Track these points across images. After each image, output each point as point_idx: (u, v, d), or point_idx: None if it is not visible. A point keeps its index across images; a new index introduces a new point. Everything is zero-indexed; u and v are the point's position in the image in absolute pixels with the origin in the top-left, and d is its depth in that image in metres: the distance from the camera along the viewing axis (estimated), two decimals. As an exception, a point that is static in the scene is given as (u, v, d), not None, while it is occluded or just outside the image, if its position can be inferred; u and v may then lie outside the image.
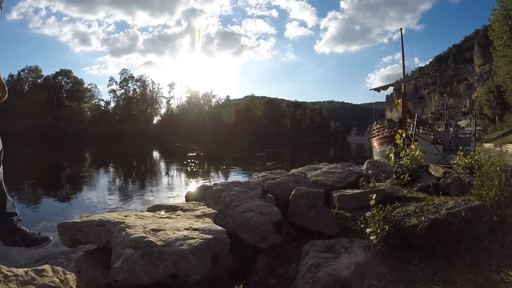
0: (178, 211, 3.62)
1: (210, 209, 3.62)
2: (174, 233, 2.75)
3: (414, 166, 6.05)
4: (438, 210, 3.88)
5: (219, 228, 2.98)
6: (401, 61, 23.65)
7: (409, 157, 6.18)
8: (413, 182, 5.89)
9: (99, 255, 2.94)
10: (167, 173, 18.22)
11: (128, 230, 2.74)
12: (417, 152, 6.24)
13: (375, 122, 25.83)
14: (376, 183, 5.41)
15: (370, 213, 3.56)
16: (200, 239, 2.66)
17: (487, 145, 28.74)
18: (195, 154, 32.54)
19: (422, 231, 3.37)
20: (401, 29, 24.11)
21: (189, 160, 24.25)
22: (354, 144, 79.59)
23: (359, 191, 4.69)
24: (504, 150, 19.09)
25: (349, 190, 4.84)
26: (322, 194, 4.11)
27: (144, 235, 2.63)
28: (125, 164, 24.38)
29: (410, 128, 19.27)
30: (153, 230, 2.81)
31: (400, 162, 6.26)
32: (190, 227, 2.93)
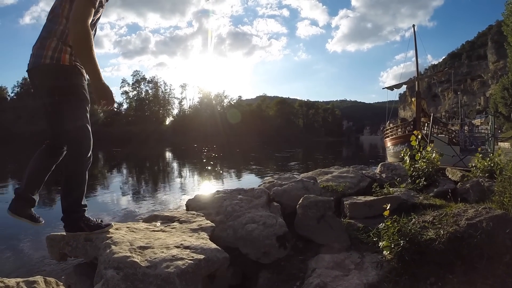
0: (174, 223, 3.38)
1: (208, 221, 3.35)
2: (163, 252, 2.50)
3: (430, 169, 5.73)
4: (457, 220, 3.58)
5: (213, 246, 2.72)
6: (414, 59, 23.26)
7: (425, 160, 5.87)
8: (429, 186, 5.56)
9: (88, 270, 2.74)
10: (180, 176, 18.00)
11: (113, 247, 2.50)
12: (434, 155, 5.93)
13: (388, 121, 25.47)
14: (390, 189, 5.10)
15: (383, 224, 3.27)
16: (190, 259, 2.40)
17: (503, 145, 28.11)
18: (212, 155, 32.36)
19: (440, 246, 3.08)
20: (413, 26, 23.69)
21: (205, 162, 24.09)
22: (367, 144, 78.96)
23: (372, 198, 4.38)
24: (522, 150, 18.56)
25: (361, 197, 4.52)
26: (332, 203, 3.81)
27: (129, 254, 2.39)
28: (137, 165, 24.30)
29: (424, 127, 18.90)
30: (140, 247, 2.57)
31: (416, 165, 5.95)
32: (181, 244, 2.68)
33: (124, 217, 7.58)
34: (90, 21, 2.38)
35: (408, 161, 6.13)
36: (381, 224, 3.32)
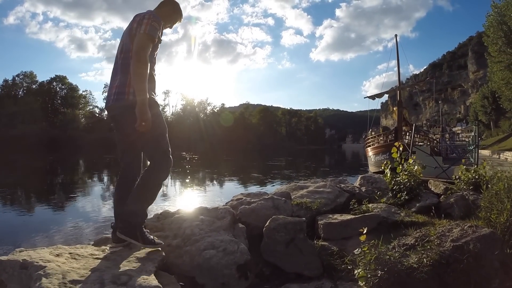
0: (124, 248, 2.96)
1: (159, 250, 2.93)
2: (94, 290, 2.10)
3: (412, 183, 5.39)
4: (441, 243, 3.23)
5: (154, 283, 2.29)
6: (396, 69, 23.23)
7: (406, 173, 5.54)
8: (411, 201, 5.22)
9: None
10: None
11: (43, 280, 2.15)
12: (416, 167, 5.60)
13: (370, 130, 25.34)
14: (370, 205, 4.73)
15: (360, 250, 2.90)
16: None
17: (483, 152, 28.33)
18: (193, 159, 31.75)
19: (422, 275, 2.72)
20: (396, 35, 23.76)
21: (186, 171, 23.48)
22: (349, 152, 79.18)
23: (348, 217, 3.99)
24: (503, 158, 18.54)
25: (338, 215, 4.13)
26: (304, 224, 3.41)
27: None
28: (114, 173, 23.61)
29: (406, 136, 18.75)
30: (72, 282, 2.18)
31: (397, 178, 5.61)
32: (119, 279, 2.27)
33: (83, 236, 7.04)
34: (148, 54, 2.75)
35: (389, 174, 5.79)
36: (358, 249, 2.95)
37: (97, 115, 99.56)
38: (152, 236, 2.94)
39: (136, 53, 2.67)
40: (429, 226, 4.07)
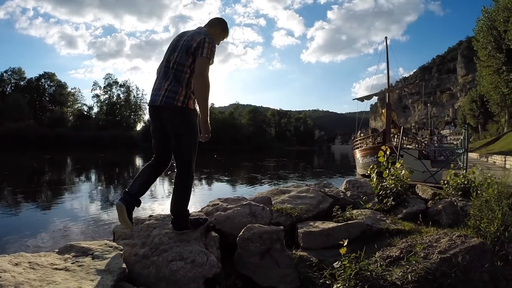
0: (87, 257, 2.70)
1: (120, 261, 2.67)
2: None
3: (399, 188, 5.19)
4: (428, 254, 3.03)
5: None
6: (385, 71, 23.07)
7: (393, 178, 5.33)
8: (398, 206, 5.02)
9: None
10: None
11: None
12: (403, 172, 5.40)
13: (359, 131, 25.23)
14: (354, 211, 4.52)
15: (340, 263, 2.67)
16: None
17: (471, 155, 28.40)
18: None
19: (407, 292, 2.50)
20: (386, 37, 23.59)
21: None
22: (338, 153, 79.13)
23: (330, 225, 3.75)
24: (491, 161, 18.50)
25: (319, 223, 3.90)
26: (282, 233, 3.16)
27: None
28: (101, 174, 23.14)
29: (394, 138, 18.62)
30: None
31: (383, 183, 5.40)
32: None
33: (53, 240, 6.65)
34: (208, 74, 3.14)
35: (375, 179, 5.57)
36: (338, 262, 2.72)
37: (86, 113, 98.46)
38: (202, 217, 3.56)
39: (201, 75, 3.09)
40: (415, 234, 3.88)
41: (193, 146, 3.23)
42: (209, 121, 3.19)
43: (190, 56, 3.18)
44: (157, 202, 10.90)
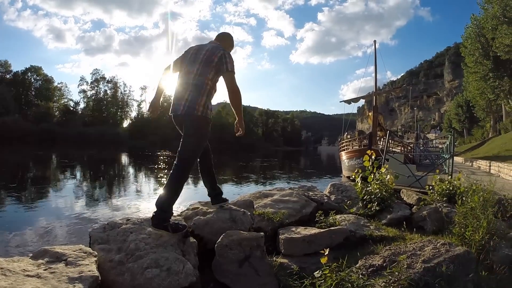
0: (60, 263, 2.58)
1: (93, 268, 2.54)
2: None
3: (384, 193, 5.12)
4: (412, 263, 2.95)
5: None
6: (373, 74, 23.11)
7: (378, 182, 5.26)
8: (382, 212, 4.98)
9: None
10: (135, 185, 16.24)
11: None
12: (388, 177, 5.33)
13: (346, 133, 25.25)
14: (337, 216, 4.44)
15: (320, 273, 2.57)
16: None
17: (457, 159, 28.68)
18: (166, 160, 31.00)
19: (390, 304, 2.41)
20: (374, 41, 23.57)
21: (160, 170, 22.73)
22: (325, 154, 79.54)
23: (312, 231, 3.64)
24: (476, 166, 18.65)
25: (301, 229, 3.79)
26: (262, 240, 3.05)
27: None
28: (86, 172, 22.73)
29: (380, 141, 18.65)
30: None
31: (368, 188, 5.33)
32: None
33: (32, 243, 6.40)
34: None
35: (359, 184, 5.50)
36: (318, 271, 2.62)
37: (72, 108, 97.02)
38: (180, 223, 3.42)
39: (233, 88, 3.52)
40: (399, 241, 3.82)
41: (196, 149, 3.53)
42: (243, 120, 3.79)
43: (212, 69, 3.53)
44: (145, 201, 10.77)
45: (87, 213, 8.90)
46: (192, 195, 11.66)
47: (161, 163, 28.73)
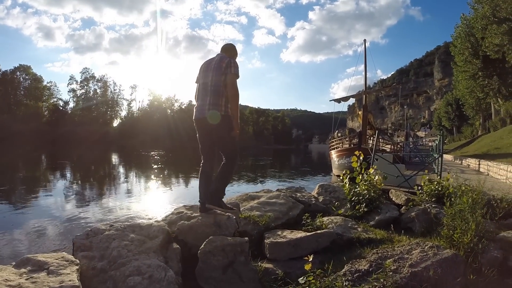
0: (42, 272, 2.53)
1: (73, 277, 2.46)
2: None
3: (372, 194, 5.08)
4: (398, 267, 2.90)
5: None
6: (364, 73, 23.13)
7: (366, 183, 5.22)
8: (370, 213, 4.93)
9: None
10: (124, 186, 15.57)
11: None
12: (376, 177, 5.29)
13: (336, 131, 25.26)
14: (324, 219, 4.38)
15: (305, 279, 2.51)
16: None
17: (446, 157, 28.86)
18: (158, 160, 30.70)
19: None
20: (364, 40, 23.68)
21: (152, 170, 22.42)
22: (316, 152, 79.73)
23: (299, 235, 3.56)
24: (465, 164, 18.70)
25: (288, 232, 3.72)
26: (246, 245, 2.99)
27: None
28: (71, 172, 22.34)
29: (370, 140, 18.65)
30: None
31: (356, 189, 5.29)
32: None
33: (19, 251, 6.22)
34: (237, 85, 4.17)
35: (347, 185, 5.45)
36: (303, 277, 2.56)
37: (61, 108, 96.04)
38: (229, 205, 4.11)
39: (232, 86, 4.08)
40: (387, 244, 3.76)
41: (234, 143, 4.15)
42: (238, 120, 4.20)
43: (222, 75, 4.12)
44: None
45: (74, 217, 8.65)
46: (176, 199, 11.58)
47: (155, 164, 28.32)
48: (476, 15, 32.55)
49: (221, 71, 4.15)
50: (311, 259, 2.48)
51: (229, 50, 4.61)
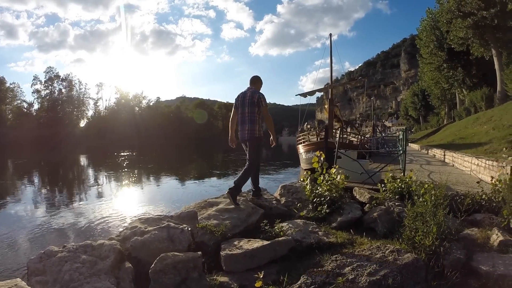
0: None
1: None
2: None
3: (334, 194, 5.03)
4: (357, 277, 2.85)
5: None
6: (330, 67, 23.22)
7: (328, 184, 5.16)
8: (333, 214, 4.87)
9: None
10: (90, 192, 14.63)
11: None
12: (338, 177, 5.23)
13: (306, 123, 25.35)
14: (284, 224, 4.28)
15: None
16: None
17: (413, 146, 29.48)
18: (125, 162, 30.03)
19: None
20: (330, 34, 23.69)
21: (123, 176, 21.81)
22: (286, 144, 79.99)
23: (255, 245, 3.45)
24: (431, 154, 19.05)
25: (244, 242, 3.57)
26: (199, 260, 2.88)
27: None
28: (42, 179, 21.36)
29: (337, 133, 18.78)
30: None
31: (318, 190, 5.23)
32: None
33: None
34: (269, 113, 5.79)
35: (308, 187, 5.38)
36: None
37: (25, 110, 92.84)
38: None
39: (267, 117, 5.72)
40: (348, 248, 3.70)
41: (259, 155, 5.78)
42: (275, 135, 6.16)
43: (256, 107, 5.57)
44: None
45: (36, 232, 7.84)
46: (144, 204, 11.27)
47: (124, 166, 27.50)
48: (442, 9, 33.72)
49: (254, 105, 5.56)
50: (261, 276, 2.40)
51: (256, 83, 5.93)
